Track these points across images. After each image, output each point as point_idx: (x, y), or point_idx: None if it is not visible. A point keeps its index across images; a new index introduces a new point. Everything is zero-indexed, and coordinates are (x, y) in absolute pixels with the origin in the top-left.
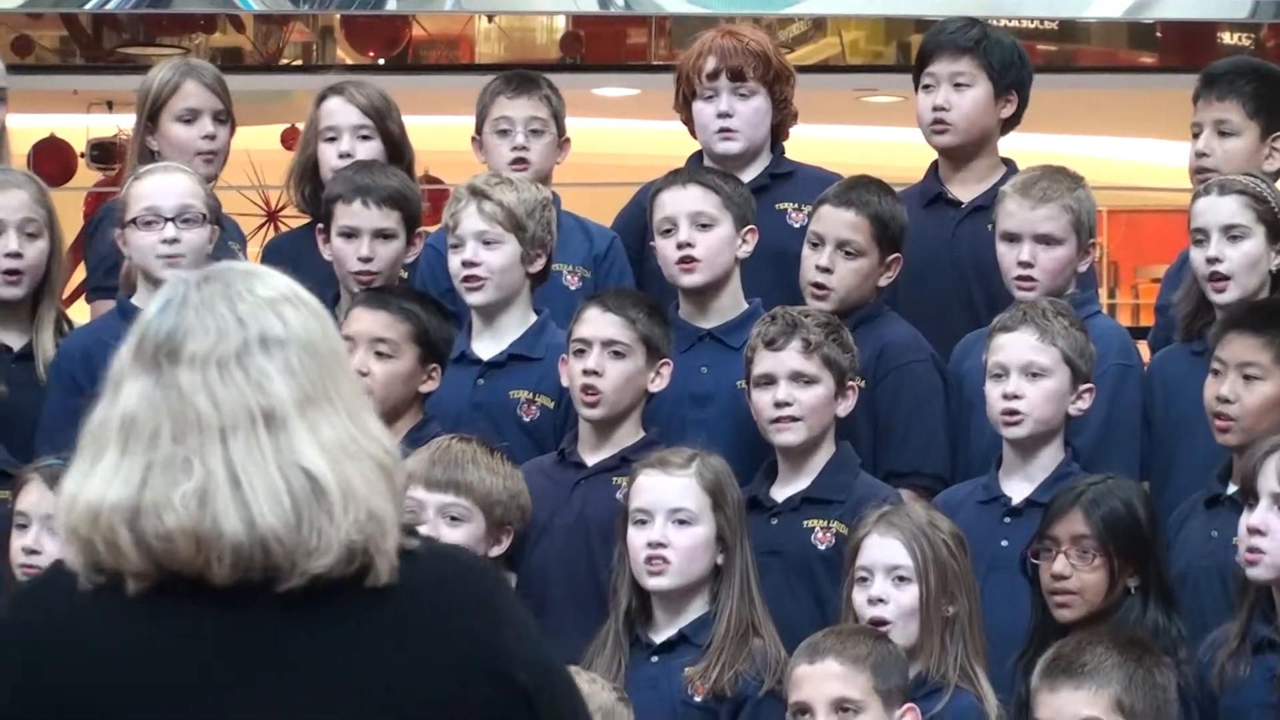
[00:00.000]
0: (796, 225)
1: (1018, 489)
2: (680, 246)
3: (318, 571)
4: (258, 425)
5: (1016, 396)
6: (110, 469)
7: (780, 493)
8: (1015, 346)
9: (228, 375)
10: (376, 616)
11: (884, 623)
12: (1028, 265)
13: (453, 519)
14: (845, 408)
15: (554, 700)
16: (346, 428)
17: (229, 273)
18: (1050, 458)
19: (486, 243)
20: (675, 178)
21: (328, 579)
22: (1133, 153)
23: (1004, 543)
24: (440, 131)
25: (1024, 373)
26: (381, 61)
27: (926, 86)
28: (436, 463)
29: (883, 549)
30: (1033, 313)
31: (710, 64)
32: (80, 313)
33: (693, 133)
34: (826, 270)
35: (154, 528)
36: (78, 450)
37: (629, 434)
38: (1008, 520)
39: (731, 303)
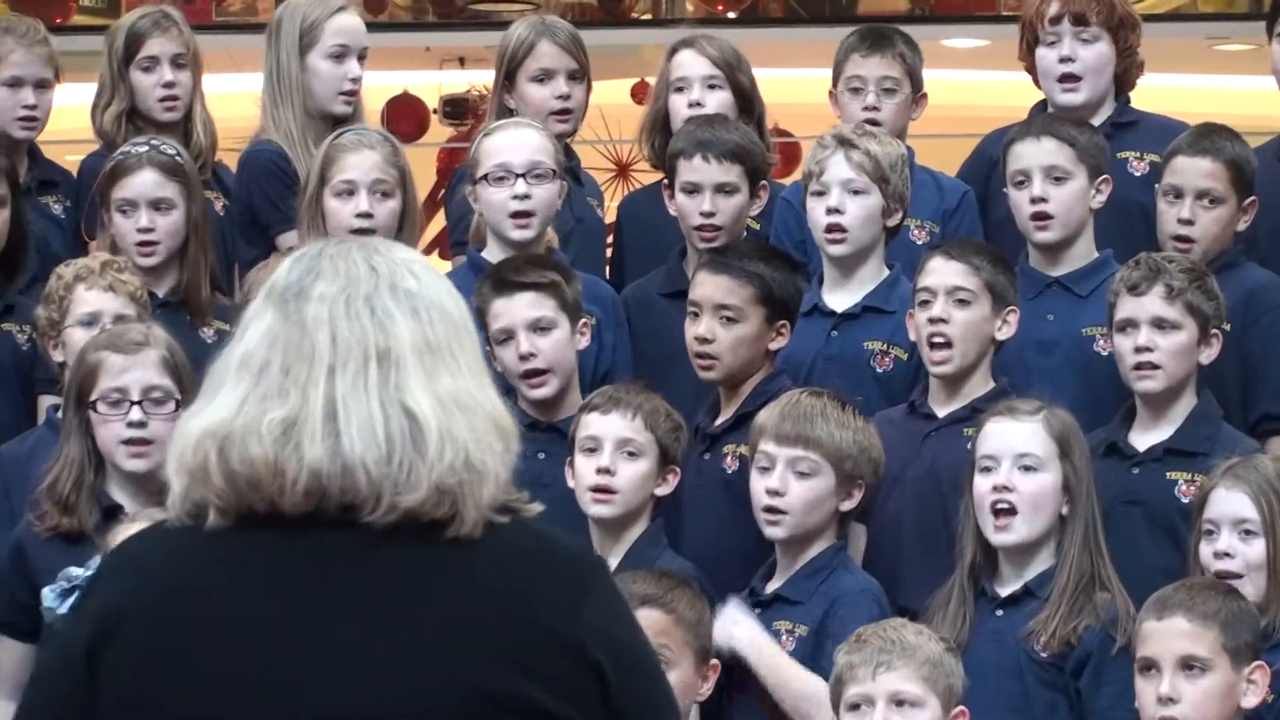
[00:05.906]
0: (1138, 175)
1: None
2: (1034, 201)
3: (408, 506)
4: (370, 363)
5: None
6: (221, 401)
7: (1141, 441)
8: None
9: (354, 312)
10: (452, 567)
11: (1231, 577)
12: None
13: (801, 473)
14: (1209, 355)
15: (632, 681)
16: (465, 383)
17: (368, 240)
18: None
19: (853, 191)
20: (1029, 128)
21: (414, 519)
22: None
23: None
24: (789, 84)
25: None
26: (731, 15)
27: None
28: (786, 417)
29: (1230, 502)
30: None
31: (1053, 8)
32: (441, 267)
33: (1037, 82)
34: (1189, 222)
35: (239, 453)
36: (200, 392)
37: (979, 384)
38: None
39: (1083, 251)
